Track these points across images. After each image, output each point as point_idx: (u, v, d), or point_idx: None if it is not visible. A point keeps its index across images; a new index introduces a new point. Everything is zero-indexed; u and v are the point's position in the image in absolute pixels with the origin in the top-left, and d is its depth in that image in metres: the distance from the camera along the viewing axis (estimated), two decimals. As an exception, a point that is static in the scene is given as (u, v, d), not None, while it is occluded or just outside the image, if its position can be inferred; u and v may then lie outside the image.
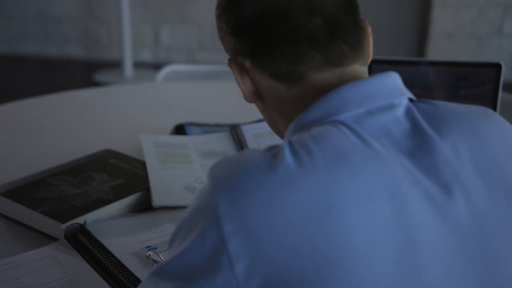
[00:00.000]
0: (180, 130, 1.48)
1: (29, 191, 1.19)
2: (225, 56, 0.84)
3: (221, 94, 1.94)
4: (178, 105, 1.84)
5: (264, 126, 1.41)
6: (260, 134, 1.38)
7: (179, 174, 1.26)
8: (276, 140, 1.41)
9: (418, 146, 0.68)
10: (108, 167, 1.28)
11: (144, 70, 4.46)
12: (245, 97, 0.80)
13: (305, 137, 0.67)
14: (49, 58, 4.77)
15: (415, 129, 0.69)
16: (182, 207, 1.17)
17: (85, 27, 4.72)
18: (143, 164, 1.29)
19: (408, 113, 0.70)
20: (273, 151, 0.66)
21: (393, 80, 0.72)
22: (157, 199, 1.16)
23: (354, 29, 0.74)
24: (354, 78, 0.72)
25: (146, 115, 1.76)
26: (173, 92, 1.97)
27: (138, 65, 4.49)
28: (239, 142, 1.38)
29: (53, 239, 1.10)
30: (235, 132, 1.41)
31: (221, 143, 1.38)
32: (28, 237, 1.11)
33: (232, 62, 0.79)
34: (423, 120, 0.70)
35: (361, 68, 0.75)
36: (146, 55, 4.68)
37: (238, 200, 0.63)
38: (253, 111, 1.83)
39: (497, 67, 1.42)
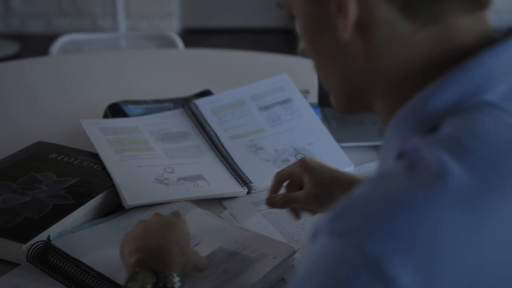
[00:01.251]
0: (116, 110, 1.27)
1: (-40, 205, 0.94)
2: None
3: (135, 64, 1.72)
4: (91, 81, 1.61)
5: (222, 99, 1.24)
6: (219, 109, 1.21)
7: (143, 164, 1.06)
8: (242, 114, 1.26)
9: None
10: (52, 165, 1.05)
11: (-3, 42, 4.00)
12: (342, 29, 0.54)
13: (458, 136, 0.48)
14: None
15: None
16: (158, 204, 0.99)
17: None
18: (94, 156, 1.08)
19: None
20: (421, 170, 0.47)
21: None
22: (130, 199, 0.97)
23: None
24: (491, 35, 0.55)
25: (60, 96, 1.51)
26: (78, 66, 1.72)
27: (-12, 36, 4.01)
28: (197, 120, 1.20)
29: (12, 264, 0.87)
30: (188, 108, 1.23)
31: (177, 122, 1.19)
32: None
33: None
34: None
35: None
36: (-4, 24, 4.19)
37: (420, 257, 0.44)
38: (183, 81, 1.65)
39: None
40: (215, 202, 1.04)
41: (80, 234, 0.92)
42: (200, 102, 1.22)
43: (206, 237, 0.91)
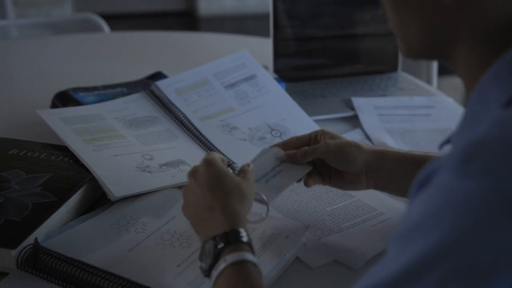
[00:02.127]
0: (65, 99, 1.17)
1: None
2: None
3: (62, 51, 1.60)
4: (19, 71, 1.48)
5: (184, 80, 1.18)
6: (183, 90, 1.15)
7: (119, 153, 0.98)
8: (208, 93, 1.19)
9: None
10: (16, 161, 0.95)
11: None
12: None
13: None
14: None
15: None
16: (145, 193, 0.92)
17: None
18: (60, 148, 0.98)
19: None
20: None
21: None
22: (116, 191, 0.89)
23: None
24: None
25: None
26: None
27: None
28: (161, 103, 1.13)
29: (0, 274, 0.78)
30: (150, 91, 1.15)
31: (141, 107, 1.11)
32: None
33: None
34: None
35: None
36: None
37: None
38: (123, 64, 1.55)
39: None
40: (200, 187, 0.98)
41: (70, 234, 0.83)
42: (162, 84, 1.15)
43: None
